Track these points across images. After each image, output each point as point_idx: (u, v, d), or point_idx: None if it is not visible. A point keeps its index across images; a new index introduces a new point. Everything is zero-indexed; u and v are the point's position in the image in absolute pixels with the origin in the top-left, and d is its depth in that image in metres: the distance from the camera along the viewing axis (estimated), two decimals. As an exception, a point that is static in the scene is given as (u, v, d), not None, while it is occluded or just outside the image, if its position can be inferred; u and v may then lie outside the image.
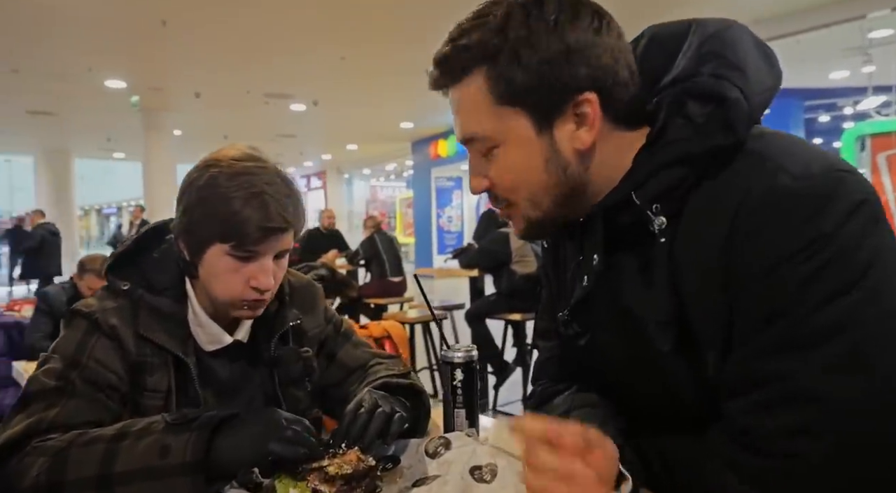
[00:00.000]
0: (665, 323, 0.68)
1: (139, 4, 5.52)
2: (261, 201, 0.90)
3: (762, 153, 0.64)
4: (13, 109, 9.54)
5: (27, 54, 6.86)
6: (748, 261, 0.61)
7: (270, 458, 0.78)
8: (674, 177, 0.66)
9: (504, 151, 0.70)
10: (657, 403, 0.75)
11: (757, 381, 0.61)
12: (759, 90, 0.66)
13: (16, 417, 0.83)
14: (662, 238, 0.66)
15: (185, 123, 10.68)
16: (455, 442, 0.88)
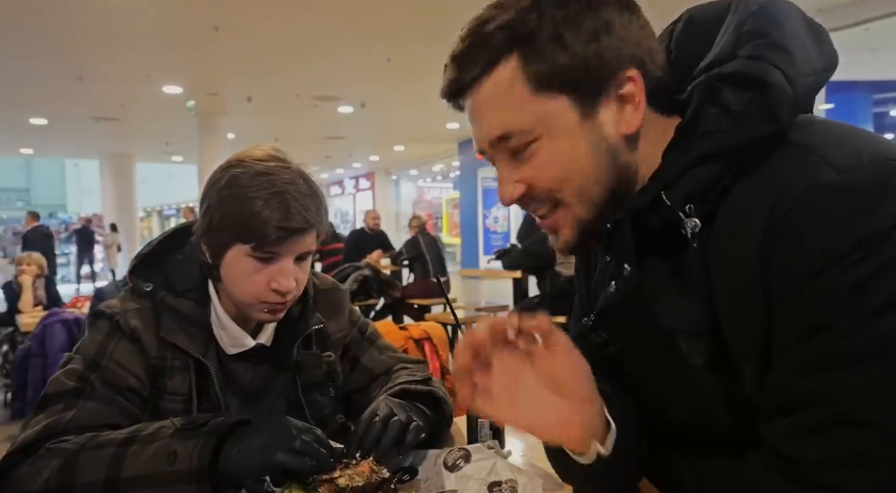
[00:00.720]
0: (698, 335, 0.61)
1: (192, 12, 5.70)
2: (281, 201, 0.88)
3: (805, 144, 0.56)
4: (79, 115, 10.04)
5: (91, 63, 7.19)
6: (787, 267, 0.54)
7: (279, 468, 0.75)
8: (707, 174, 0.59)
9: (546, 144, 0.62)
10: (690, 419, 0.69)
11: (799, 402, 0.54)
12: (807, 72, 0.58)
13: (35, 417, 0.84)
14: (695, 243, 0.59)
15: (238, 126, 10.99)
16: (475, 455, 0.83)
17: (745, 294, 0.57)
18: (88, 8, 5.47)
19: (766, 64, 0.57)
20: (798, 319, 0.53)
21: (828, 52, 0.61)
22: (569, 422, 0.62)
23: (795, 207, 0.53)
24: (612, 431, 0.64)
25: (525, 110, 0.62)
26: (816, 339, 0.52)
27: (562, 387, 0.61)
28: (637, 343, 0.71)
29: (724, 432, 0.65)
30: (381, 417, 0.85)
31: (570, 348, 0.61)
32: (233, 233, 0.90)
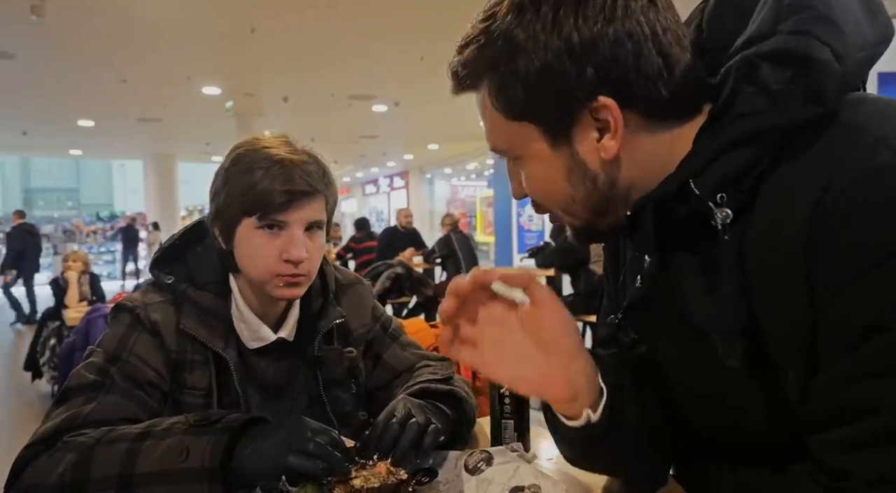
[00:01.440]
0: (733, 334, 0.56)
1: (229, 14, 5.79)
2: (282, 168, 0.89)
3: (859, 124, 0.51)
4: (124, 116, 10.34)
5: (134, 66, 7.39)
6: (837, 259, 0.48)
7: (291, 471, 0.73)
8: (742, 160, 0.53)
9: (526, 164, 0.63)
10: (726, 426, 0.64)
11: (850, 412, 0.49)
12: (858, 47, 0.53)
13: (55, 410, 0.84)
14: (727, 235, 0.54)
15: (275, 126, 11.14)
16: (497, 458, 0.80)
17: (787, 290, 0.51)
18: (131, 14, 5.62)
19: (812, 39, 0.51)
20: (849, 319, 0.48)
21: (882, 23, 0.55)
22: (552, 378, 0.61)
23: (849, 192, 0.48)
24: (603, 397, 0.62)
25: (502, 133, 0.62)
26: (870, 342, 0.47)
27: (546, 343, 0.60)
28: (668, 343, 0.67)
29: (765, 440, 0.60)
30: (399, 418, 0.82)
31: (555, 304, 0.60)
32: (238, 207, 0.90)
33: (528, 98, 0.57)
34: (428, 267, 6.48)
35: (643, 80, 0.55)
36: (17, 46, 6.47)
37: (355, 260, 7.44)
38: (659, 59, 0.55)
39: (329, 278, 1.08)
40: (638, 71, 0.54)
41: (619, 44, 0.54)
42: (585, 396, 0.62)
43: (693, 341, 0.61)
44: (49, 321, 4.99)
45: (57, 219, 18.82)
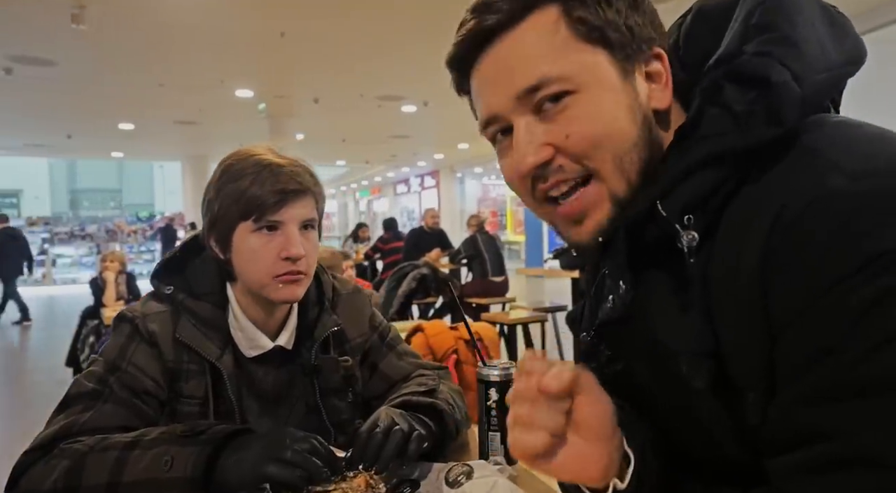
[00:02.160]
0: (699, 355, 0.56)
1: (259, 19, 5.91)
2: (270, 172, 0.92)
3: (816, 147, 0.50)
4: (162, 119, 10.65)
5: (170, 70, 7.61)
6: (790, 284, 0.48)
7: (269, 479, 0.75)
8: (708, 181, 0.53)
9: (584, 98, 0.56)
10: (698, 445, 0.63)
11: (801, 436, 0.48)
12: (820, 69, 0.52)
13: (55, 417, 0.88)
14: (692, 258, 0.54)
15: (306, 127, 11.32)
16: (478, 472, 0.81)
17: (746, 313, 0.51)
18: (166, 20, 5.79)
19: (773, 61, 0.51)
20: (801, 342, 0.47)
21: (849, 45, 0.55)
22: (587, 460, 0.55)
23: (800, 218, 0.47)
24: (631, 464, 0.59)
25: (568, 56, 0.56)
26: (822, 365, 0.46)
27: (583, 429, 0.55)
28: (640, 362, 0.66)
29: (733, 462, 0.59)
30: (383, 428, 0.83)
31: (595, 394, 0.55)
32: (233, 214, 0.93)
33: (616, 23, 0.57)
34: (454, 268, 6.49)
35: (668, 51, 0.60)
36: (60, 54, 6.73)
37: (383, 260, 7.50)
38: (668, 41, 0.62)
39: (326, 287, 1.10)
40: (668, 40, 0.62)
41: (657, 19, 0.61)
42: (615, 466, 0.58)
43: (662, 360, 0.60)
44: (88, 320, 5.17)
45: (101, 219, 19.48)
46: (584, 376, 0.54)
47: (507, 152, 0.61)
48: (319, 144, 13.69)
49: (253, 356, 1.02)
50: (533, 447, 0.53)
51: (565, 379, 0.52)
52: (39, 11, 5.39)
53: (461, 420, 1.02)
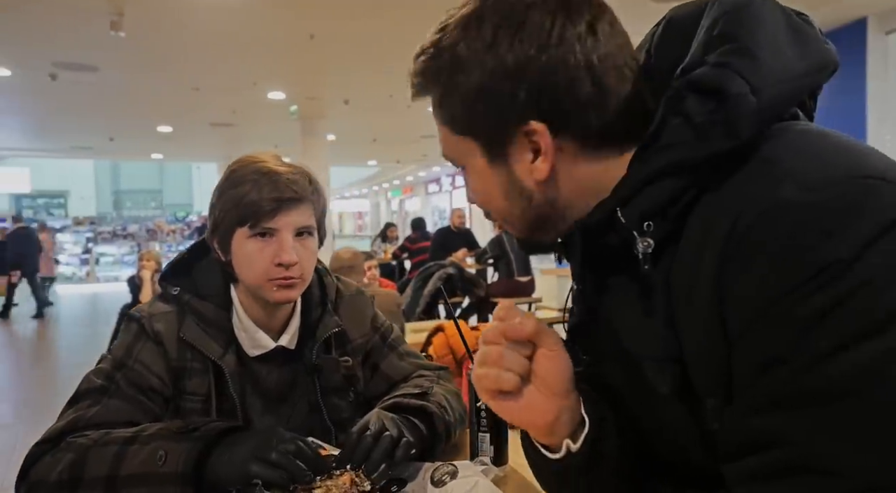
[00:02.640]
0: (662, 360, 0.56)
1: (289, 22, 6.02)
2: (269, 179, 0.95)
3: (773, 158, 0.51)
4: (198, 122, 10.94)
5: (205, 74, 7.81)
6: (743, 294, 0.48)
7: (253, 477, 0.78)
8: (667, 190, 0.54)
9: (469, 175, 0.65)
10: (665, 451, 0.64)
11: (754, 443, 0.48)
12: (780, 79, 0.52)
13: (66, 411, 0.93)
14: (647, 265, 0.55)
15: (338, 128, 11.47)
16: (462, 472, 0.82)
17: (705, 321, 0.52)
18: (200, 26, 5.95)
19: (730, 72, 0.52)
20: (754, 351, 0.48)
21: (813, 55, 0.55)
22: (536, 410, 0.60)
23: (753, 228, 0.48)
24: (585, 427, 0.61)
25: (448, 143, 0.64)
26: (771, 374, 0.47)
27: (539, 380, 0.59)
28: (611, 366, 0.67)
29: (702, 466, 0.59)
30: (373, 431, 0.85)
31: (555, 351, 0.59)
32: (231, 219, 0.97)
33: (466, 114, 0.59)
34: (480, 268, 6.49)
35: (575, 108, 0.56)
36: (101, 59, 6.98)
37: (410, 260, 7.55)
38: (593, 88, 0.55)
39: (329, 289, 1.13)
40: (570, 98, 0.55)
41: (552, 70, 0.54)
42: (566, 427, 0.61)
43: (630, 365, 0.61)
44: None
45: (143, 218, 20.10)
46: (548, 333, 0.58)
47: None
48: (350, 144, 13.85)
49: (256, 356, 1.05)
50: (499, 384, 0.57)
51: (527, 328, 0.57)
52: (81, 19, 5.61)
53: (455, 422, 1.04)
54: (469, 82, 0.57)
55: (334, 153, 12.36)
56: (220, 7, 5.54)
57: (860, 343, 0.43)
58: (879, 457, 0.42)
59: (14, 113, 10.11)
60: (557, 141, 0.57)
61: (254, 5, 5.57)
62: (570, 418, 0.61)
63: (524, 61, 0.55)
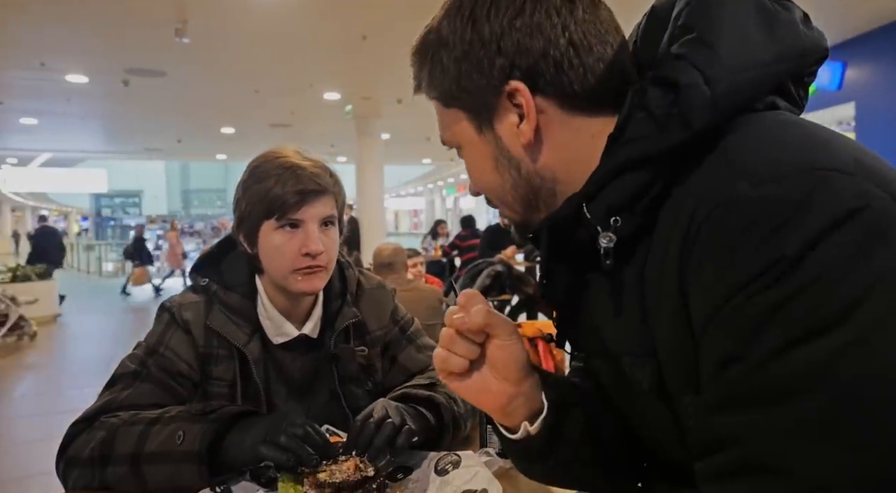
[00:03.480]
0: (640, 356, 0.56)
1: (341, 23, 6.16)
2: (292, 173, 0.99)
3: (729, 150, 0.50)
4: (258, 123, 11.35)
5: (264, 76, 8.10)
6: (700, 291, 0.47)
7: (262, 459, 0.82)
8: (632, 184, 0.53)
9: (465, 153, 0.65)
10: (650, 446, 0.64)
11: (713, 442, 0.47)
12: (741, 68, 0.51)
13: (103, 393, 1.00)
14: (608, 260, 0.54)
15: (392, 127, 11.63)
16: (465, 462, 0.83)
17: (672, 317, 0.51)
18: (259, 30, 6.18)
19: (685, 63, 0.52)
20: (712, 348, 0.47)
21: (786, 41, 0.53)
22: (487, 393, 0.63)
23: (705, 223, 0.47)
24: (543, 412, 0.63)
25: (442, 121, 0.65)
26: (727, 372, 0.45)
27: (492, 366, 0.62)
28: (598, 362, 0.67)
29: (681, 464, 0.59)
30: (376, 419, 0.88)
31: (507, 341, 0.61)
32: (258, 212, 1.01)
33: (451, 85, 0.60)
34: (530, 265, 6.44)
35: (551, 67, 0.57)
36: (167, 65, 7.35)
37: (460, 257, 7.56)
38: (569, 48, 0.56)
39: (350, 281, 1.16)
40: (545, 58, 0.57)
41: (528, 34, 0.57)
42: (521, 410, 0.63)
43: (610, 361, 0.61)
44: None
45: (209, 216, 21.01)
46: (502, 325, 0.61)
47: None
48: (404, 143, 14.03)
49: (280, 343, 1.09)
50: (446, 365, 0.62)
51: (475, 323, 0.59)
52: (149, 27, 5.93)
53: (464, 413, 1.05)
54: (451, 55, 0.60)
55: (389, 152, 12.55)
56: (276, 11, 5.73)
57: (810, 340, 0.41)
58: (833, 455, 0.41)
59: (91, 117, 10.80)
60: (539, 102, 0.58)
61: (308, 8, 5.73)
62: (526, 402, 0.63)
63: (499, 30, 0.57)
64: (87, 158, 19.49)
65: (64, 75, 7.64)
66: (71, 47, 6.66)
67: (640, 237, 0.54)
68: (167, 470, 0.86)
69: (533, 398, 0.63)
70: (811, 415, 0.41)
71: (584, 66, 0.57)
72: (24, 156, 17.01)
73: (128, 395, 0.97)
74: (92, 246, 19.45)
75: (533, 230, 0.66)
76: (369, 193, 10.94)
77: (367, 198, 10.99)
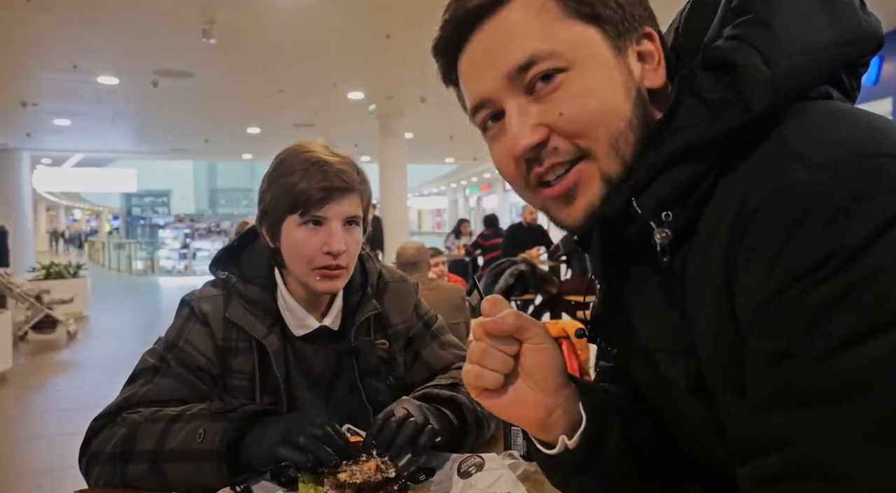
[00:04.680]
0: (676, 353, 0.53)
1: (366, 22, 6.18)
2: (319, 169, 0.97)
3: (785, 136, 0.46)
4: (283, 123, 11.44)
5: (289, 76, 8.16)
6: (750, 284, 0.44)
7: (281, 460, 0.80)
8: (684, 176, 0.50)
9: (577, 75, 0.53)
10: (689, 448, 0.61)
11: (759, 445, 0.44)
12: (800, 50, 0.48)
13: (125, 388, 0.99)
14: (666, 257, 0.51)
15: (415, 126, 11.63)
16: (489, 464, 0.81)
17: (716, 312, 0.48)
18: (285, 30, 6.23)
19: (741, 44, 0.48)
20: (760, 344, 0.44)
21: (843, 26, 0.49)
22: (523, 406, 0.58)
23: (757, 212, 0.44)
24: (582, 425, 0.59)
25: (559, 33, 0.53)
26: (778, 370, 0.42)
27: (526, 376, 0.57)
28: (634, 360, 0.63)
29: (720, 465, 0.55)
30: (398, 417, 0.86)
31: (541, 346, 0.57)
32: (282, 207, 0.99)
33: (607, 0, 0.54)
34: (553, 265, 6.38)
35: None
36: (195, 66, 7.46)
37: (483, 256, 7.54)
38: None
39: (371, 274, 1.14)
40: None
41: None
42: (559, 423, 0.59)
43: (647, 359, 0.58)
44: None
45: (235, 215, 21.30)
46: (533, 327, 0.56)
47: (498, 137, 0.58)
48: (428, 142, 14.02)
49: (301, 335, 1.08)
50: (479, 382, 0.56)
51: (507, 323, 0.55)
52: (177, 28, 6.02)
53: (487, 414, 1.02)
54: None
55: (412, 151, 12.56)
56: (302, 11, 5.76)
57: (876, 335, 0.38)
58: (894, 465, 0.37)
59: (121, 118, 11.01)
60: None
61: (332, 8, 5.75)
62: (564, 414, 0.58)
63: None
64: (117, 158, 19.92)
65: (96, 77, 7.81)
66: (102, 50, 6.79)
67: (686, 231, 0.51)
68: (187, 468, 0.85)
69: (571, 410, 0.59)
70: (875, 415, 0.38)
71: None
72: (58, 156, 17.46)
73: (148, 390, 0.97)
74: (122, 245, 19.89)
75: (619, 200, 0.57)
76: (392, 192, 10.97)
77: (390, 197, 11.01)
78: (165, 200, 38.58)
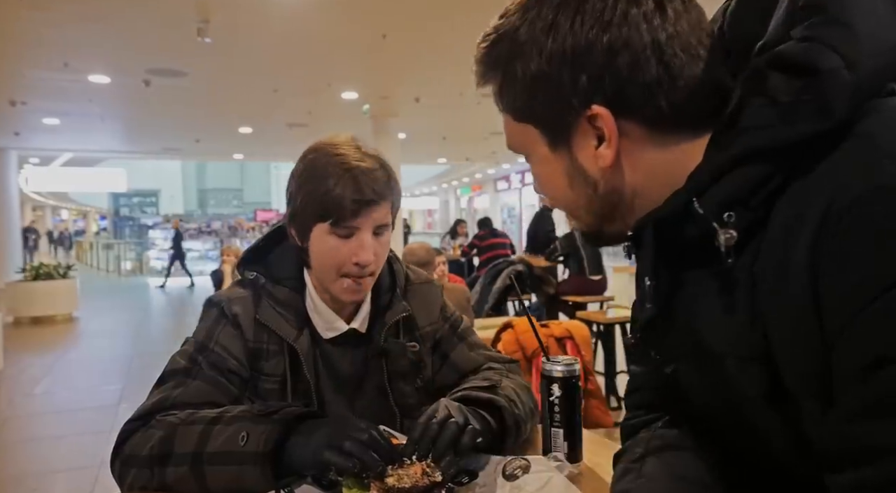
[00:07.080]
0: (748, 360, 0.52)
1: (362, 23, 6.15)
2: (351, 177, 0.95)
3: (871, 134, 0.45)
4: (276, 122, 11.37)
5: (283, 76, 8.11)
6: (838, 290, 0.43)
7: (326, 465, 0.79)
8: (749, 177, 0.49)
9: (532, 164, 0.62)
10: (754, 457, 0.59)
11: (857, 453, 0.43)
12: (879, 50, 0.47)
13: (154, 390, 0.97)
14: (730, 258, 0.50)
15: (408, 126, 11.61)
16: (535, 467, 0.80)
17: (796, 316, 0.46)
18: (279, 29, 6.18)
19: (821, 46, 0.47)
20: (854, 350, 0.43)
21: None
22: None
23: (847, 216, 0.43)
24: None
25: (511, 132, 0.61)
26: (879, 375, 0.41)
27: None
28: (687, 365, 0.62)
29: (790, 473, 0.54)
30: (439, 419, 0.84)
31: None
32: (313, 213, 0.98)
33: (526, 101, 0.56)
34: (550, 265, 6.37)
35: (641, 91, 0.52)
36: (189, 65, 7.38)
37: (479, 257, 7.54)
38: (659, 68, 0.51)
39: (399, 276, 1.13)
40: (635, 81, 0.52)
41: (614, 52, 0.51)
42: None
43: (710, 365, 0.56)
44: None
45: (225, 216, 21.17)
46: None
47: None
48: (421, 142, 14.00)
49: (329, 338, 1.06)
50: None
51: None
52: (171, 26, 5.95)
53: (525, 416, 1.01)
54: (528, 69, 0.54)
55: (405, 152, 12.53)
56: (298, 10, 5.72)
57: None
58: None
59: (112, 117, 10.88)
60: (623, 125, 0.54)
61: (329, 8, 5.72)
62: None
63: (584, 44, 0.52)
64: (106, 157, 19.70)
65: (86, 75, 7.70)
66: (94, 48, 6.71)
67: (751, 232, 0.50)
68: (229, 471, 0.83)
69: None
70: None
71: (674, 87, 0.52)
72: (46, 156, 17.23)
73: (180, 393, 0.95)
74: (111, 245, 19.66)
75: (609, 238, 0.63)
76: (385, 192, 10.94)
77: (383, 197, 10.98)
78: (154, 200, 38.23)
